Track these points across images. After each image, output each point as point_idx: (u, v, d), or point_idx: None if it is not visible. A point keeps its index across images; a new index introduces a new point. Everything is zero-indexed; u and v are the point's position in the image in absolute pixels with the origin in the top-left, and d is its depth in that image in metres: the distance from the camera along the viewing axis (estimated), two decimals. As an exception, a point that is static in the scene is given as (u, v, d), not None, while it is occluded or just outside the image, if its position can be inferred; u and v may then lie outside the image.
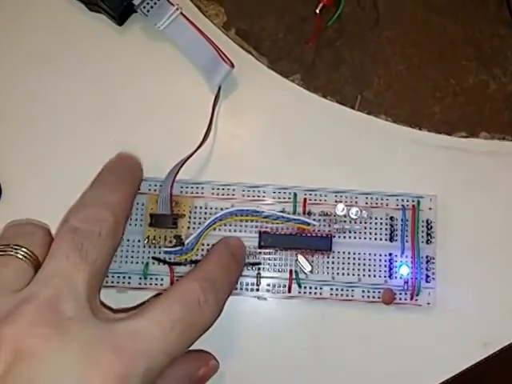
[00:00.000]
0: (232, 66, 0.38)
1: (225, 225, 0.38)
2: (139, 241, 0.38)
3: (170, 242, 0.37)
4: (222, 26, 0.40)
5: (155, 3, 0.38)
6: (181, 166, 0.37)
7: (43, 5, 0.41)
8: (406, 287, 0.38)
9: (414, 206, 0.38)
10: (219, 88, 0.39)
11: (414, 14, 0.41)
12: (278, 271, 0.38)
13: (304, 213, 0.38)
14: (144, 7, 0.38)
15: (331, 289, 0.38)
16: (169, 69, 0.40)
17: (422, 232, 0.38)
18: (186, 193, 0.38)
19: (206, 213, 0.38)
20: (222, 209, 0.38)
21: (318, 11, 0.39)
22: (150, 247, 0.38)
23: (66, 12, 0.41)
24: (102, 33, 0.40)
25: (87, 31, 0.41)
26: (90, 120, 0.40)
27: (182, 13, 0.39)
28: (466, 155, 0.40)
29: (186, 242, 0.37)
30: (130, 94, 0.40)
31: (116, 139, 0.39)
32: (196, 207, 0.38)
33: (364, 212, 0.38)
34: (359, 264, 0.38)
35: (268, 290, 0.38)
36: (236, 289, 0.37)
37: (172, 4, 0.39)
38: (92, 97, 0.40)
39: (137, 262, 0.38)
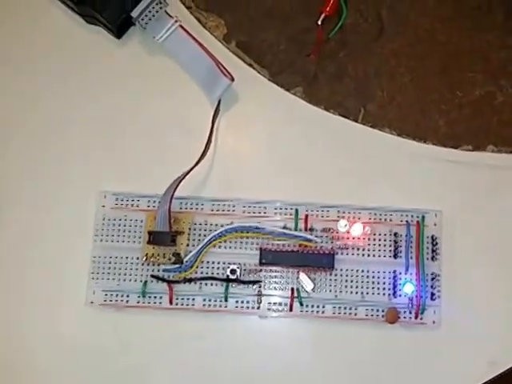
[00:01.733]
0: (232, 79, 0.39)
1: (225, 241, 0.38)
2: (138, 258, 0.38)
3: (169, 259, 0.38)
4: (222, 39, 0.41)
5: (154, 16, 0.39)
6: (179, 182, 0.37)
7: (41, 18, 0.42)
8: (410, 305, 0.38)
9: (418, 221, 0.39)
10: (219, 101, 0.39)
11: (418, 24, 0.41)
12: (280, 289, 0.38)
13: (306, 229, 0.39)
14: (142, 19, 0.39)
15: (334, 307, 0.38)
16: (168, 82, 0.41)
17: (427, 248, 0.38)
18: (186, 209, 0.39)
19: (205, 229, 0.38)
20: (222, 225, 0.38)
21: (319, 22, 0.40)
22: (148, 265, 0.38)
23: (65, 25, 0.41)
24: (100, 46, 0.41)
25: (85, 44, 0.41)
26: (87, 135, 0.40)
27: (181, 25, 0.39)
28: (473, 169, 0.40)
29: (185, 260, 0.38)
30: (128, 108, 0.41)
31: (114, 154, 0.40)
32: (195, 224, 0.38)
33: (367, 228, 0.38)
34: (362, 282, 0.38)
35: (269, 309, 0.38)
36: (236, 307, 0.38)
37: (171, 16, 0.39)
38: (90, 111, 0.41)
39: (135, 280, 0.38)
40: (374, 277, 0.38)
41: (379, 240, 0.38)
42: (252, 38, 0.41)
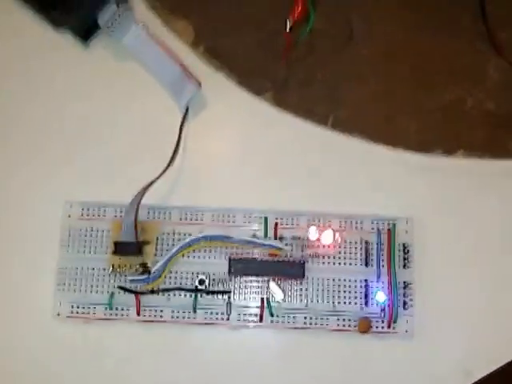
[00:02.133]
0: (199, 84, 0.39)
1: (193, 251, 0.38)
2: (104, 269, 0.38)
3: (136, 270, 0.37)
4: (190, 43, 0.40)
5: (120, 20, 0.39)
6: (145, 191, 0.37)
7: (6, 22, 0.41)
8: (382, 314, 0.38)
9: (389, 229, 0.38)
10: (187, 108, 0.39)
11: (388, 30, 0.41)
12: (250, 299, 0.38)
13: (276, 237, 0.38)
14: (108, 24, 0.39)
15: (305, 317, 0.38)
16: (135, 88, 0.40)
17: (399, 256, 0.38)
18: (153, 218, 0.38)
19: (173, 239, 0.38)
20: (190, 234, 0.38)
21: (287, 28, 0.39)
22: (115, 276, 0.38)
23: (31, 29, 0.41)
24: (66, 51, 0.41)
25: (52, 49, 0.41)
26: (52, 143, 0.40)
27: (147, 30, 0.39)
28: (444, 175, 0.40)
29: (152, 270, 0.37)
30: (94, 115, 0.40)
31: (80, 163, 0.39)
32: (163, 233, 0.38)
33: (337, 236, 0.38)
34: (334, 291, 0.38)
35: (239, 320, 0.38)
36: (205, 318, 0.37)
37: (137, 21, 0.39)
38: (55, 118, 0.40)
39: (102, 292, 0.38)
40: (345, 285, 0.38)
41: (350, 248, 0.38)
42: (220, 42, 0.40)
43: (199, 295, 0.37)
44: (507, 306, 0.39)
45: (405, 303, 0.38)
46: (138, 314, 0.37)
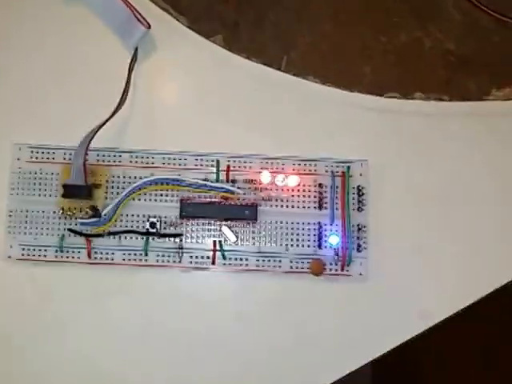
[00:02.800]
0: (148, 26, 0.40)
1: (144, 194, 0.39)
2: (54, 212, 0.39)
3: (86, 213, 0.39)
4: None
5: None
6: (95, 134, 0.38)
7: None
8: (336, 257, 0.39)
9: (343, 171, 0.40)
10: (136, 49, 0.40)
11: None
12: (201, 242, 0.39)
13: (227, 181, 0.40)
14: None
15: (257, 260, 0.39)
16: (82, 30, 0.42)
17: (353, 199, 0.40)
18: (103, 161, 0.40)
19: (124, 182, 0.40)
20: (141, 177, 0.39)
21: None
22: (66, 219, 0.39)
23: None
24: None
25: None
26: (1, 87, 0.41)
27: None
28: (400, 117, 0.41)
29: (103, 213, 0.39)
30: (42, 58, 0.41)
31: (29, 105, 0.41)
32: (113, 176, 0.40)
33: (290, 179, 0.40)
34: (287, 234, 0.40)
35: (191, 262, 0.39)
36: (157, 261, 0.39)
37: None
38: (3, 60, 0.42)
39: (52, 235, 0.39)
40: (298, 228, 0.39)
41: (303, 191, 0.40)
42: None
43: (151, 238, 0.39)
44: (461, 247, 0.40)
45: (359, 246, 0.39)
46: (89, 256, 0.39)
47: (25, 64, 0.42)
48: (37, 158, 0.40)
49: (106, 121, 0.39)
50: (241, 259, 0.39)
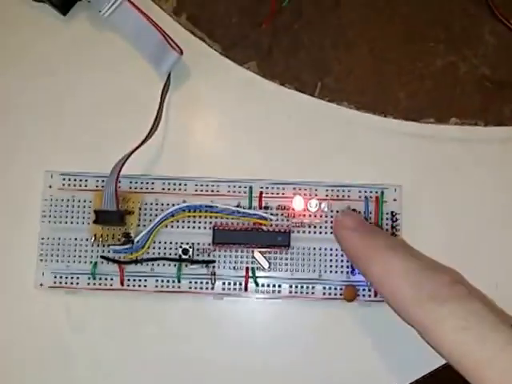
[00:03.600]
0: (181, 52, 0.42)
1: (177, 221, 0.41)
2: (87, 239, 0.42)
3: (119, 240, 0.41)
4: (171, 12, 0.44)
5: None
6: (126, 160, 0.39)
7: None
8: (369, 283, 0.41)
9: (377, 197, 0.42)
10: (168, 76, 0.42)
11: None
12: (234, 269, 0.41)
13: (260, 207, 0.42)
14: None
15: (290, 286, 0.41)
16: (115, 57, 0.44)
17: (387, 225, 0.41)
18: (135, 188, 0.42)
19: (156, 209, 0.42)
20: (173, 204, 0.41)
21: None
22: (98, 246, 0.41)
23: (9, 2, 0.45)
24: (45, 23, 0.44)
25: (30, 22, 0.44)
26: (33, 113, 0.44)
27: None
28: (435, 143, 0.43)
29: (135, 240, 0.41)
30: (75, 86, 0.44)
31: (61, 132, 0.44)
32: (146, 203, 0.42)
33: (324, 204, 0.42)
34: (320, 260, 0.41)
35: (224, 289, 0.41)
36: (190, 288, 0.41)
37: None
38: (36, 88, 0.44)
39: (85, 262, 0.41)
40: (331, 254, 0.41)
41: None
42: (203, 10, 0.43)
43: (183, 265, 0.41)
44: (498, 273, 0.42)
45: None
46: (122, 283, 0.41)
47: (56, 91, 0.44)
48: (69, 185, 0.42)
49: (138, 147, 0.40)
50: (274, 286, 0.41)
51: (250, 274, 0.41)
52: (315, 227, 0.42)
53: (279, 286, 0.41)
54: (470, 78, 0.44)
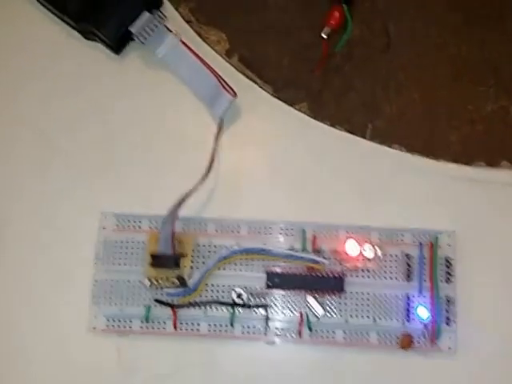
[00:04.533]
0: (235, 95, 0.42)
1: (230, 263, 0.41)
2: (140, 282, 0.41)
3: (173, 283, 0.40)
4: (223, 53, 0.44)
5: (153, 30, 0.42)
6: (182, 202, 0.39)
7: (40, 34, 0.46)
8: (425, 330, 0.40)
9: (431, 242, 0.41)
10: (222, 119, 0.43)
11: (426, 36, 0.45)
12: (288, 314, 0.41)
13: (313, 250, 0.41)
14: (141, 34, 0.42)
15: (344, 332, 0.41)
16: (169, 98, 0.44)
17: (441, 270, 0.41)
18: (189, 230, 0.42)
19: (209, 251, 0.41)
20: (226, 246, 0.41)
21: (324, 35, 0.44)
22: (151, 289, 0.41)
23: (63, 41, 0.45)
24: (99, 62, 0.45)
25: (84, 61, 0.45)
26: (87, 153, 0.44)
27: (181, 40, 0.43)
28: (487, 187, 0.43)
29: (189, 283, 0.41)
30: (129, 126, 0.44)
31: (115, 173, 0.44)
32: (199, 245, 0.41)
33: (378, 249, 0.42)
34: (374, 305, 0.41)
35: (277, 334, 0.41)
36: (243, 332, 0.41)
37: (171, 31, 0.43)
38: (90, 128, 0.44)
39: (138, 305, 0.41)
40: (386, 300, 0.41)
41: (390, 261, 0.41)
42: (254, 52, 0.44)
43: (237, 309, 0.41)
44: None
45: (448, 319, 0.40)
46: (175, 327, 0.40)
47: (110, 131, 0.44)
48: (123, 226, 0.42)
49: (193, 189, 0.40)
50: (327, 331, 0.41)
51: (304, 319, 0.41)
52: (369, 272, 0.41)
53: (333, 332, 0.41)
54: None
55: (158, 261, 0.40)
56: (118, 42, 0.43)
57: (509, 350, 0.41)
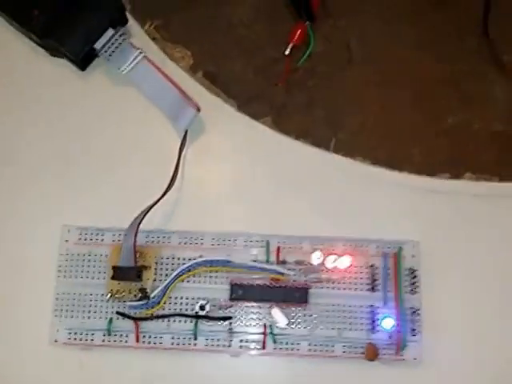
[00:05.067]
0: (198, 109, 0.42)
1: (193, 276, 0.41)
2: (102, 295, 0.41)
3: (135, 295, 0.40)
4: (188, 69, 0.44)
5: (117, 47, 0.43)
6: (145, 215, 0.39)
7: (5, 50, 0.46)
8: (390, 341, 0.40)
9: (395, 253, 0.41)
10: (186, 132, 0.43)
11: (388, 52, 0.45)
12: (252, 325, 0.40)
13: (278, 262, 0.41)
14: (106, 51, 0.43)
15: (309, 344, 0.40)
16: (133, 113, 0.44)
17: (406, 281, 0.41)
18: (152, 242, 0.41)
19: (173, 263, 0.41)
20: (189, 259, 0.41)
21: (287, 52, 0.44)
22: (113, 301, 0.41)
23: (28, 58, 0.45)
24: (64, 78, 0.45)
25: (49, 77, 0.45)
26: (50, 168, 0.44)
27: (145, 56, 0.43)
28: (451, 198, 0.43)
29: (151, 295, 0.40)
30: (93, 140, 0.44)
31: (78, 188, 0.43)
32: (162, 258, 0.41)
33: (342, 260, 0.41)
34: (339, 317, 0.41)
35: (241, 346, 0.40)
36: (206, 345, 0.40)
37: (135, 47, 0.43)
38: (54, 143, 0.44)
39: (100, 318, 0.40)
40: (350, 311, 0.41)
41: (355, 273, 0.41)
42: (219, 68, 0.44)
43: (200, 321, 0.40)
44: None
45: (413, 330, 0.40)
46: (137, 340, 0.40)
47: (74, 146, 0.44)
48: (85, 239, 0.42)
49: (156, 202, 0.40)
50: (292, 343, 0.40)
51: (268, 330, 0.40)
52: (333, 283, 0.41)
53: (298, 343, 0.40)
54: (482, 134, 0.44)
55: (119, 273, 0.40)
56: (83, 59, 0.43)
57: (473, 360, 0.41)
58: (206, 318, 0.40)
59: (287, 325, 0.40)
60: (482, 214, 0.43)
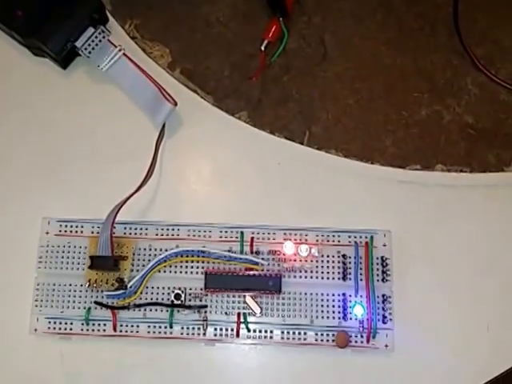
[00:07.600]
0: (175, 104, 0.41)
1: (170, 266, 0.40)
2: (81, 285, 0.40)
3: (112, 285, 0.39)
4: (166, 67, 0.44)
5: (97, 45, 0.42)
6: (121, 206, 0.39)
7: None
8: (361, 329, 0.39)
9: (366, 242, 0.40)
10: (163, 126, 0.42)
11: (361, 47, 0.44)
12: (226, 314, 0.40)
13: (252, 252, 0.40)
14: (86, 49, 0.42)
15: (282, 332, 0.39)
16: (112, 109, 0.44)
17: (377, 270, 0.40)
18: (130, 234, 0.41)
19: (149, 254, 0.40)
20: (166, 250, 0.40)
21: (262, 48, 0.43)
22: (92, 291, 0.40)
23: (10, 57, 0.45)
24: (46, 77, 0.44)
25: (31, 75, 0.44)
26: (30, 162, 0.43)
27: (124, 53, 0.42)
28: (422, 189, 0.42)
29: (128, 285, 0.39)
30: (72, 135, 0.43)
31: (58, 181, 0.43)
32: (139, 248, 0.40)
33: (314, 250, 0.40)
34: (311, 305, 0.40)
35: (215, 335, 0.39)
36: (182, 334, 0.39)
37: (114, 45, 0.42)
38: (35, 138, 0.43)
39: (79, 308, 0.40)
40: (322, 300, 0.40)
41: (327, 262, 0.40)
42: (196, 65, 0.43)
43: (175, 310, 0.39)
44: (487, 319, 0.40)
45: (384, 317, 0.39)
46: (115, 329, 0.39)
47: (54, 141, 0.43)
48: (65, 231, 0.41)
49: (132, 194, 0.40)
50: (265, 331, 0.39)
51: (242, 319, 0.39)
52: (306, 272, 0.40)
53: (271, 331, 0.39)
54: (454, 126, 0.43)
55: (97, 262, 0.39)
56: (65, 57, 0.43)
57: (443, 347, 0.40)
58: (182, 306, 0.40)
59: (261, 313, 0.39)
60: (452, 205, 0.42)
